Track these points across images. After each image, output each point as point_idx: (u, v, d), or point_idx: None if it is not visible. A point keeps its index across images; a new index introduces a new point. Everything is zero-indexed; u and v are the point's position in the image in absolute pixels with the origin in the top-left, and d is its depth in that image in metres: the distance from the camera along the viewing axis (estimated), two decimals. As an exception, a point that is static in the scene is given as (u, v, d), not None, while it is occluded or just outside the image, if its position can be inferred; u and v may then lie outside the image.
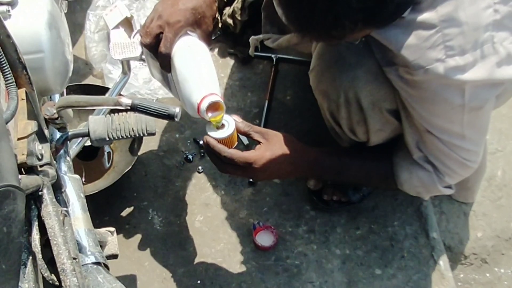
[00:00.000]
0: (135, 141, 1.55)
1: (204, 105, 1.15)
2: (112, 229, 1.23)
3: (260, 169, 1.25)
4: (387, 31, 1.06)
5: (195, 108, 1.17)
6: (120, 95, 1.41)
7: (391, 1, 0.90)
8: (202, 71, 1.21)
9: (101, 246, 1.16)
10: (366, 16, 0.91)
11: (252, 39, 1.59)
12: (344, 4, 0.88)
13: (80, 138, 1.27)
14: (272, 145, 1.27)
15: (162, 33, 1.18)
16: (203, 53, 1.24)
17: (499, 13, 1.02)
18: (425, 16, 1.02)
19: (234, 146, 1.23)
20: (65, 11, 1.32)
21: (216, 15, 1.32)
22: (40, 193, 0.90)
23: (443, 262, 1.53)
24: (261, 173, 1.27)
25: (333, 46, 1.22)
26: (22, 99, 0.93)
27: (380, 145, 1.35)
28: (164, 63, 1.20)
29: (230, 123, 1.20)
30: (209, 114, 1.17)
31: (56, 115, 1.04)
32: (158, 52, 1.19)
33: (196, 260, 1.53)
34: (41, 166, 0.93)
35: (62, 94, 1.33)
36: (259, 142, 1.27)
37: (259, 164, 1.24)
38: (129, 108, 1.03)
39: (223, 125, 1.21)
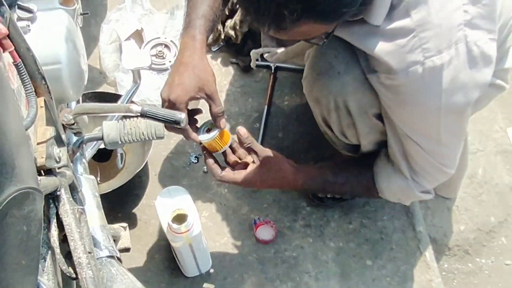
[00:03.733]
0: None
1: (168, 220, 1.29)
2: (125, 224, 1.23)
3: (247, 187, 1.34)
4: (369, 41, 1.06)
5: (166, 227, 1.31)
6: (132, 102, 1.41)
7: None
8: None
9: (114, 240, 1.16)
10: (304, 7, 0.89)
11: (253, 52, 1.60)
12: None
13: (95, 142, 1.27)
14: (262, 169, 1.30)
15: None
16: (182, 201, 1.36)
17: (469, 13, 1.01)
18: (401, 23, 1.02)
19: (223, 148, 1.26)
20: (81, 25, 1.32)
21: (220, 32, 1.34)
22: (58, 193, 0.91)
23: (429, 253, 1.53)
24: (248, 187, 1.36)
25: (321, 55, 1.21)
26: (41, 107, 0.93)
27: (363, 158, 1.35)
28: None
29: (215, 132, 1.22)
30: (174, 225, 1.28)
31: (73, 121, 1.04)
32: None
33: (202, 253, 1.53)
34: (59, 168, 0.93)
35: (78, 102, 1.34)
36: (252, 161, 1.31)
37: (246, 185, 1.31)
38: (139, 114, 1.03)
39: (211, 130, 1.24)
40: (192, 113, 1.24)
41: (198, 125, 1.25)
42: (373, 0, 0.97)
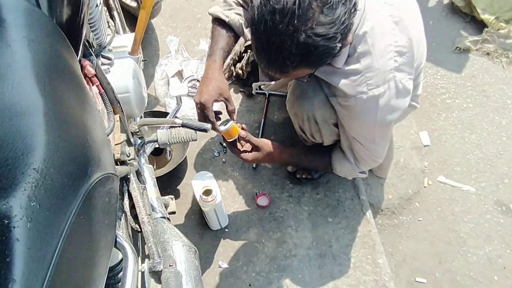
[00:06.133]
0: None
1: (200, 193, 1.31)
2: (172, 196, 1.23)
3: (251, 162, 1.31)
4: (333, 77, 1.06)
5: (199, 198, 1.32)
6: (175, 117, 1.42)
7: (316, 52, 0.88)
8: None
9: (165, 206, 1.16)
10: (300, 59, 0.89)
11: (254, 84, 1.61)
12: (287, 52, 0.87)
13: (152, 143, 1.27)
14: (257, 151, 1.29)
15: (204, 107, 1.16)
16: (209, 181, 1.34)
17: (398, 62, 1.01)
18: (354, 66, 1.02)
19: (234, 137, 1.23)
20: (142, 68, 1.32)
21: (233, 71, 1.32)
22: (128, 176, 0.91)
23: (368, 213, 1.53)
24: (253, 161, 1.30)
25: (298, 85, 1.21)
26: (117, 121, 0.93)
27: (324, 148, 1.34)
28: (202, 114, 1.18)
29: (230, 123, 1.20)
30: (204, 197, 1.30)
31: (138, 130, 1.05)
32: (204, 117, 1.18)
33: (222, 214, 1.53)
34: (129, 160, 0.94)
35: (141, 117, 1.34)
36: (254, 149, 1.29)
37: (251, 161, 1.29)
38: (180, 125, 1.03)
39: (227, 124, 1.21)
40: (216, 113, 1.22)
41: (219, 121, 1.23)
42: (339, 51, 0.97)
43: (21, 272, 0.42)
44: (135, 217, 0.91)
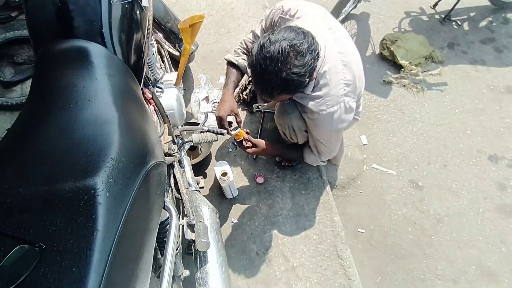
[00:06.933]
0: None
1: (219, 175, 1.27)
2: (202, 176, 1.23)
3: (252, 154, 1.29)
4: (304, 100, 1.05)
5: (219, 177, 1.27)
6: (204, 126, 1.41)
7: (292, 84, 0.88)
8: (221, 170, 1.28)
9: (197, 183, 1.15)
10: (282, 89, 0.89)
11: (254, 105, 1.60)
12: (274, 85, 0.88)
13: (189, 142, 1.27)
14: (255, 147, 1.28)
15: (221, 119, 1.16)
16: (225, 167, 1.30)
17: (346, 90, 1.01)
18: (317, 93, 1.01)
19: (241, 138, 1.22)
20: (182, 94, 1.32)
21: (241, 96, 1.31)
22: (173, 164, 0.91)
23: (328, 188, 1.52)
24: (253, 153, 1.29)
25: (282, 105, 1.20)
26: (166, 128, 0.93)
27: (299, 146, 1.33)
28: (219, 123, 1.19)
29: (238, 129, 1.20)
30: (222, 177, 1.26)
31: (179, 134, 1.04)
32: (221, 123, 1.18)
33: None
34: (173, 153, 0.93)
35: (181, 126, 1.33)
36: (254, 146, 1.28)
37: (251, 153, 1.28)
38: (207, 130, 1.03)
39: (236, 130, 1.21)
40: (229, 123, 1.22)
41: (231, 128, 1.23)
42: (308, 83, 0.96)
43: (102, 224, 0.42)
44: (178, 190, 0.90)
